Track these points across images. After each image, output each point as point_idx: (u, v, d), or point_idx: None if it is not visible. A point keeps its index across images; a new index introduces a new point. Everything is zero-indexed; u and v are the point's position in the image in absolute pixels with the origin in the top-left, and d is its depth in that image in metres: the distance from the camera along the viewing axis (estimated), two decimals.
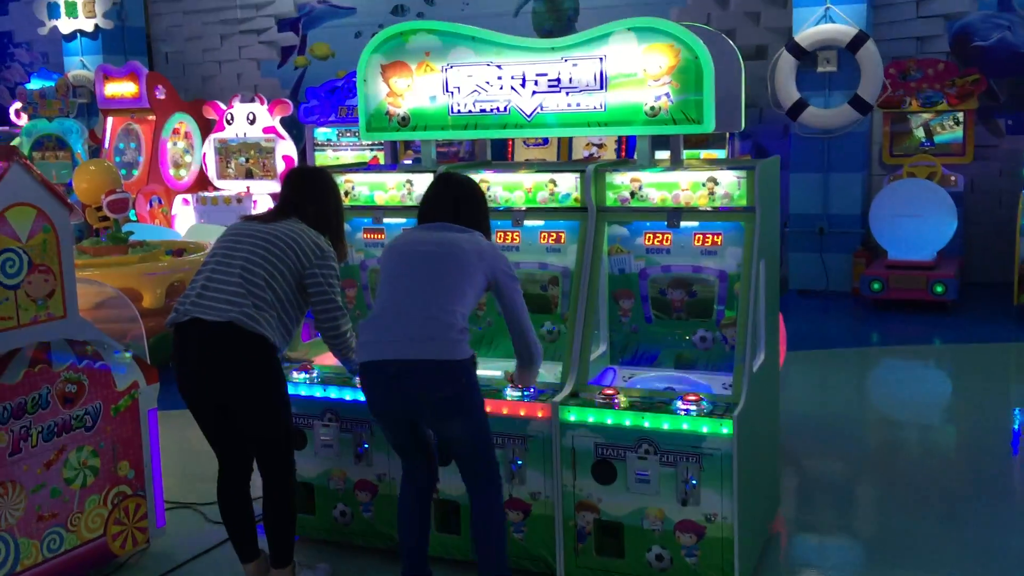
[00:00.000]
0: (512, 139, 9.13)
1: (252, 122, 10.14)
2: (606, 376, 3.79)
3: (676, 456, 3.31)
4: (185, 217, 10.14)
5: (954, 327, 7.64)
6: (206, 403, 3.39)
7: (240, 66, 11.93)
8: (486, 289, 3.27)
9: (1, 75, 13.17)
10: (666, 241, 3.77)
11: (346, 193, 4.10)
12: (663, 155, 3.95)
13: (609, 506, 3.43)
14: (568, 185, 3.76)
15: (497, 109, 3.88)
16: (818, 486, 4.65)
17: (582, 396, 3.51)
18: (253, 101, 10.20)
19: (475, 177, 3.72)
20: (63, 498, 3.58)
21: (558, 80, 3.76)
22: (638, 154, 3.84)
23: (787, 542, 4.05)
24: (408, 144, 9.29)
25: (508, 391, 3.51)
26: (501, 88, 3.85)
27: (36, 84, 11.22)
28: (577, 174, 3.74)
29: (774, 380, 4.07)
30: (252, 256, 3.34)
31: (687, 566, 3.36)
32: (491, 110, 3.89)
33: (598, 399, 3.43)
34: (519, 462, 3.52)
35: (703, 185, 3.57)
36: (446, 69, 3.92)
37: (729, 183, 3.54)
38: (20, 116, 11.37)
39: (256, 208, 9.78)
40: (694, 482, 3.30)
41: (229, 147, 10.30)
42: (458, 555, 3.69)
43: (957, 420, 5.80)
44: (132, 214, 9.33)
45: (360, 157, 9.84)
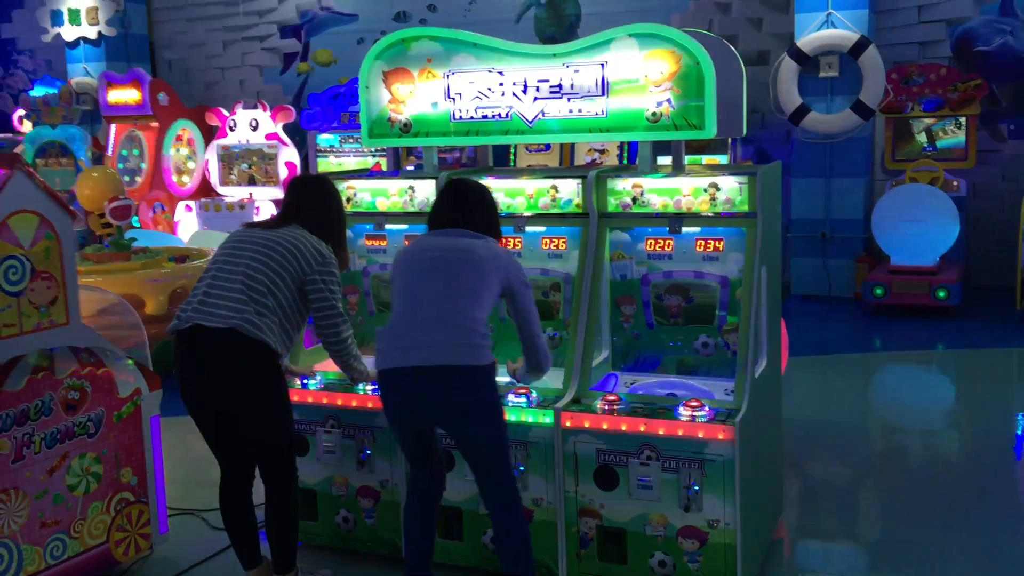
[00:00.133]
0: (514, 145, 9.14)
1: (255, 128, 10.17)
2: (608, 382, 3.78)
3: (678, 462, 3.31)
4: (188, 224, 10.16)
5: (957, 332, 7.63)
6: (208, 409, 3.39)
7: (243, 73, 11.95)
8: (500, 295, 3.27)
9: (4, 82, 13.20)
10: (668, 247, 3.77)
11: (348, 199, 4.11)
12: (665, 161, 3.95)
13: (611, 512, 3.43)
14: (570, 191, 3.76)
15: (499, 115, 3.88)
16: (821, 492, 4.64)
17: (584, 402, 3.51)
18: (256, 108, 10.22)
19: None
20: (66, 505, 3.58)
21: (560, 86, 3.77)
22: (640, 160, 3.84)
23: (790, 548, 4.04)
24: (410, 150, 9.31)
25: (510, 396, 3.51)
26: (503, 94, 3.86)
27: (39, 91, 11.25)
28: (579, 180, 3.75)
29: (776, 386, 4.07)
30: (254, 263, 3.34)
31: (690, 572, 3.35)
32: (493, 116, 3.89)
33: (600, 405, 3.43)
34: (521, 468, 3.52)
35: (705, 191, 3.57)
36: (448, 75, 3.93)
37: (731, 189, 3.55)
38: (23, 123, 11.39)
39: (259, 214, 9.79)
40: (696, 488, 3.30)
41: (232, 153, 10.33)
42: (461, 561, 3.69)
43: (960, 425, 5.79)
44: (135, 221, 9.34)
45: (362, 163, 9.85)
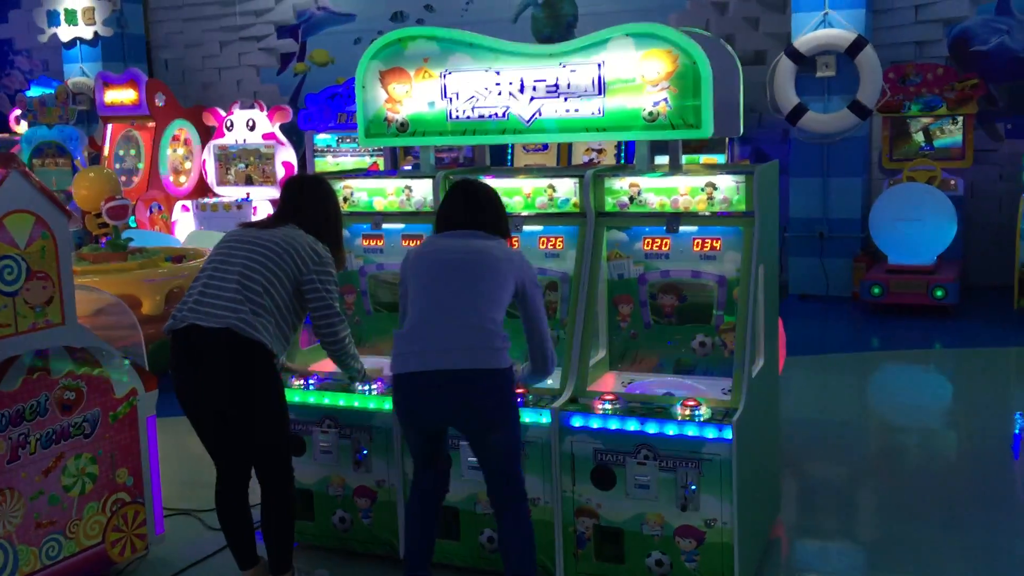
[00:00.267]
0: (512, 144, 9.13)
1: (252, 128, 10.15)
2: (605, 381, 3.78)
3: (675, 461, 3.31)
4: (185, 224, 10.15)
5: (954, 331, 7.64)
6: (204, 409, 3.38)
7: (240, 73, 11.94)
8: (513, 296, 3.26)
9: (1, 82, 13.18)
10: (665, 246, 3.77)
11: (345, 199, 4.10)
12: (662, 160, 3.95)
13: (608, 512, 3.43)
14: (567, 190, 3.76)
15: (495, 115, 3.88)
16: (818, 491, 4.64)
17: (581, 401, 3.50)
18: (253, 107, 10.20)
19: None
20: (61, 505, 3.57)
21: (556, 86, 3.76)
22: (637, 159, 3.84)
23: (787, 547, 4.04)
24: (408, 150, 9.30)
25: None
26: (499, 94, 3.85)
27: (36, 91, 11.24)
28: (576, 179, 3.74)
29: (774, 385, 4.07)
30: (249, 262, 3.34)
31: (687, 571, 3.35)
32: (489, 116, 3.89)
33: (597, 405, 3.42)
34: None
35: (702, 190, 3.57)
36: (444, 75, 3.93)
37: (728, 188, 3.54)
38: (20, 123, 11.38)
39: (256, 214, 9.78)
40: (693, 487, 3.29)
41: (229, 153, 10.31)
42: (458, 561, 3.69)
43: (958, 425, 5.79)
44: (132, 221, 9.33)
45: (360, 163, 9.85)
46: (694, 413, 3.30)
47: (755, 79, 8.77)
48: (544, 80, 3.78)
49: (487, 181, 3.82)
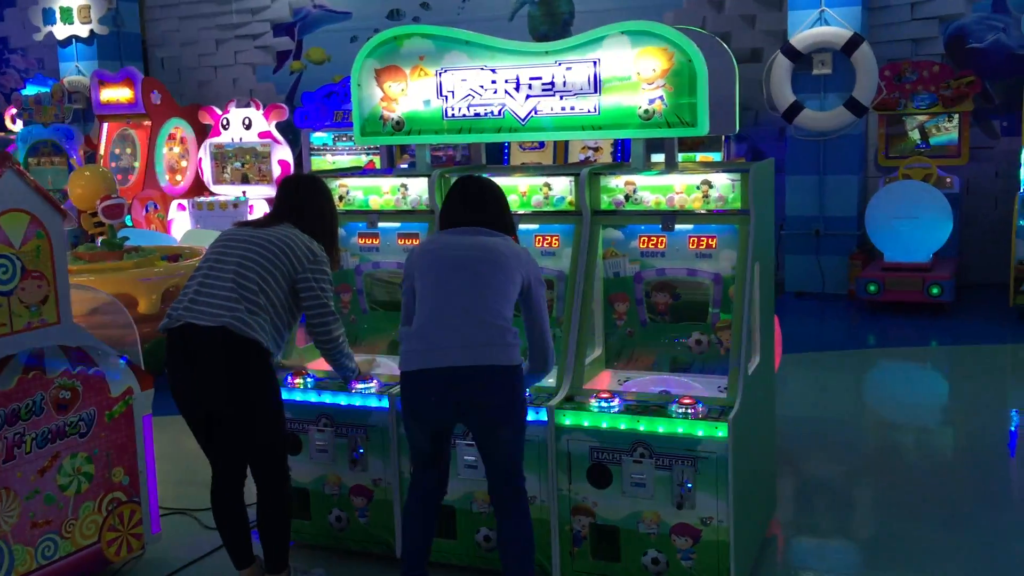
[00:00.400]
0: (508, 143, 9.13)
1: (248, 127, 10.14)
2: (601, 379, 3.78)
3: (671, 459, 3.31)
4: (181, 222, 10.14)
5: (950, 329, 7.65)
6: (199, 408, 3.38)
7: (236, 71, 11.92)
8: (520, 293, 3.26)
9: None
10: (661, 244, 3.77)
11: (340, 197, 4.10)
12: (659, 158, 3.95)
13: (604, 510, 3.43)
14: (562, 188, 3.76)
15: (491, 113, 3.87)
16: (814, 489, 4.65)
17: (577, 400, 3.50)
18: (249, 106, 10.20)
19: None
20: (57, 505, 3.56)
21: (552, 84, 3.76)
22: (633, 157, 3.84)
23: (783, 545, 4.04)
24: (404, 148, 9.30)
25: None
26: (495, 92, 3.85)
27: (31, 90, 11.21)
28: (571, 177, 3.74)
29: (770, 383, 4.07)
30: (245, 261, 3.33)
31: (683, 569, 3.35)
32: (485, 114, 3.89)
33: (593, 403, 3.42)
34: None
35: (697, 188, 3.57)
36: (440, 73, 3.92)
37: (723, 186, 3.55)
38: (15, 122, 11.36)
39: (252, 213, 9.77)
40: (689, 485, 3.30)
41: (225, 152, 10.30)
42: (454, 560, 3.69)
43: (954, 422, 5.80)
44: (128, 219, 9.32)
45: (356, 161, 9.84)
46: (690, 411, 3.30)
47: (751, 77, 8.78)
48: (540, 78, 3.78)
49: None
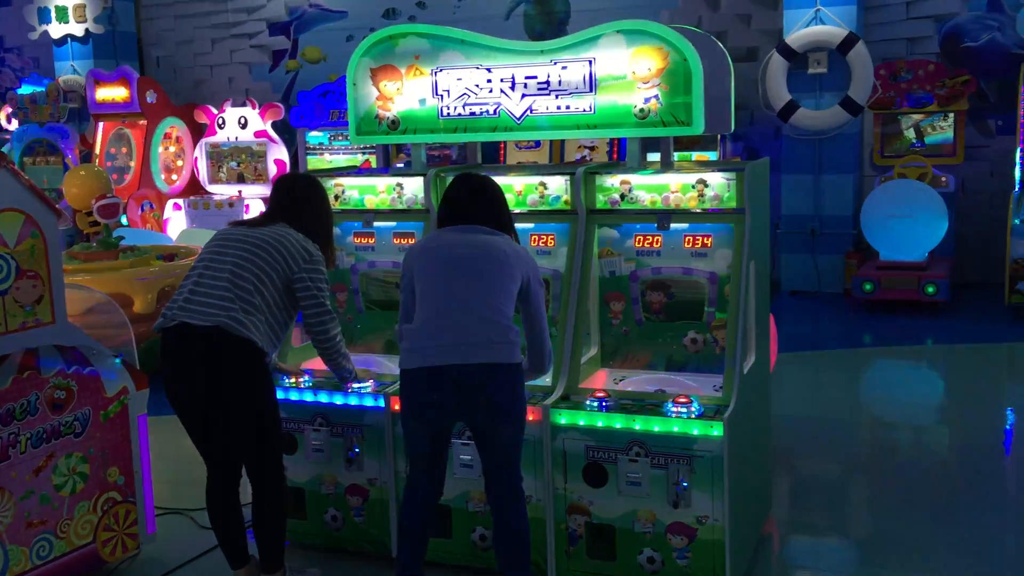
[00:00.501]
0: (504, 142, 9.12)
1: (244, 126, 10.13)
2: (597, 378, 3.78)
3: (667, 458, 3.31)
4: (177, 222, 10.13)
5: (945, 328, 7.66)
6: (194, 408, 3.37)
7: (231, 70, 11.90)
8: (519, 292, 3.26)
9: None
10: (656, 243, 3.77)
11: (336, 197, 4.09)
12: (655, 157, 3.95)
13: (600, 509, 3.43)
14: (558, 187, 3.76)
15: (487, 112, 3.87)
16: (810, 487, 4.65)
17: (573, 399, 3.50)
18: (244, 105, 10.19)
19: None
20: (52, 505, 3.56)
21: (547, 83, 3.76)
22: (628, 156, 3.84)
23: (779, 544, 4.05)
24: (400, 147, 9.29)
25: None
26: (491, 91, 3.85)
27: (27, 89, 11.19)
28: (567, 176, 3.74)
29: (765, 382, 4.07)
30: (240, 260, 3.33)
31: (679, 568, 3.35)
32: (481, 113, 3.88)
33: (589, 402, 3.42)
34: None
35: (693, 187, 3.58)
36: (435, 72, 3.92)
37: (719, 185, 3.55)
38: (11, 121, 11.34)
39: (248, 212, 9.76)
40: (685, 484, 3.30)
41: (221, 151, 10.29)
42: (450, 559, 3.68)
43: (949, 421, 5.81)
44: (123, 219, 9.31)
45: (352, 161, 9.83)
46: (685, 410, 3.30)
47: (747, 76, 8.78)
48: (536, 77, 3.77)
49: None
